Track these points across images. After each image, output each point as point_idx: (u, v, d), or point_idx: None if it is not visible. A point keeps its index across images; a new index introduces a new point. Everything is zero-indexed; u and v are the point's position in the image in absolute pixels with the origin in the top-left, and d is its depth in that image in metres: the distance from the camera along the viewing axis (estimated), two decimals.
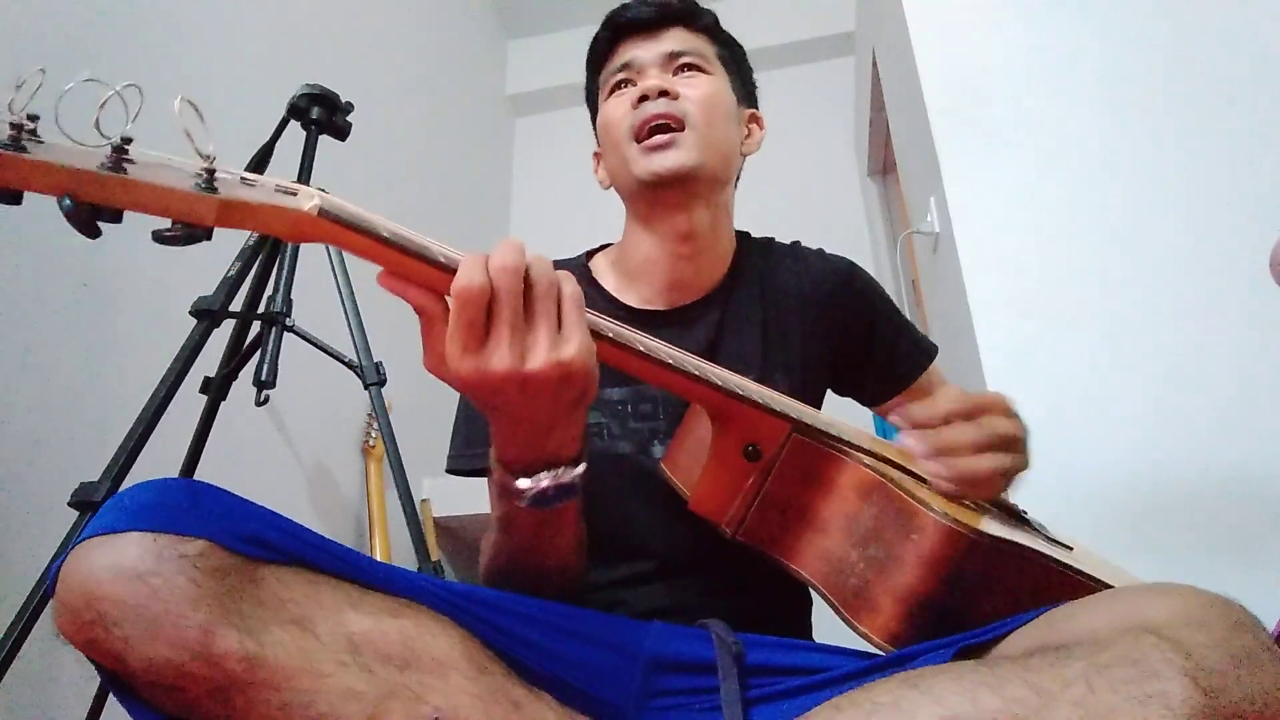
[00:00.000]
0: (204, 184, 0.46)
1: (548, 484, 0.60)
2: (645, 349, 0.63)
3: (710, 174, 0.89)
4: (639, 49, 0.94)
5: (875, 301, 0.99)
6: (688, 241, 0.91)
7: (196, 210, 0.46)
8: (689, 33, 0.95)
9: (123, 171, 0.44)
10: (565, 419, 0.58)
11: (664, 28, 0.95)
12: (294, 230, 0.51)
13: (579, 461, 0.62)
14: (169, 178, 0.46)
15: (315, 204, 0.51)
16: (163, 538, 0.49)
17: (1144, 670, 0.45)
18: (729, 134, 0.92)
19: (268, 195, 0.50)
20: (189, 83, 1.76)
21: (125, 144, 0.44)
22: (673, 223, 0.90)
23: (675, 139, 0.87)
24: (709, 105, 0.90)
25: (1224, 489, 1.39)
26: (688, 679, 0.67)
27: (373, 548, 2.05)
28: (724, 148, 0.91)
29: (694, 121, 0.88)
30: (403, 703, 0.51)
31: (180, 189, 0.45)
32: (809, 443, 0.69)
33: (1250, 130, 1.61)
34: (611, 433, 0.86)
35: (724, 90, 0.94)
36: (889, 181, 3.06)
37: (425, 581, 0.62)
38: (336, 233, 0.52)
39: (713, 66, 0.95)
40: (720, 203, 0.93)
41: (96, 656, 0.49)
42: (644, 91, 0.89)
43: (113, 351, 1.50)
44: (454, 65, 3.22)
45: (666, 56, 0.93)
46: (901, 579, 0.61)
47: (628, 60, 0.94)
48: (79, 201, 0.43)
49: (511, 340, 0.53)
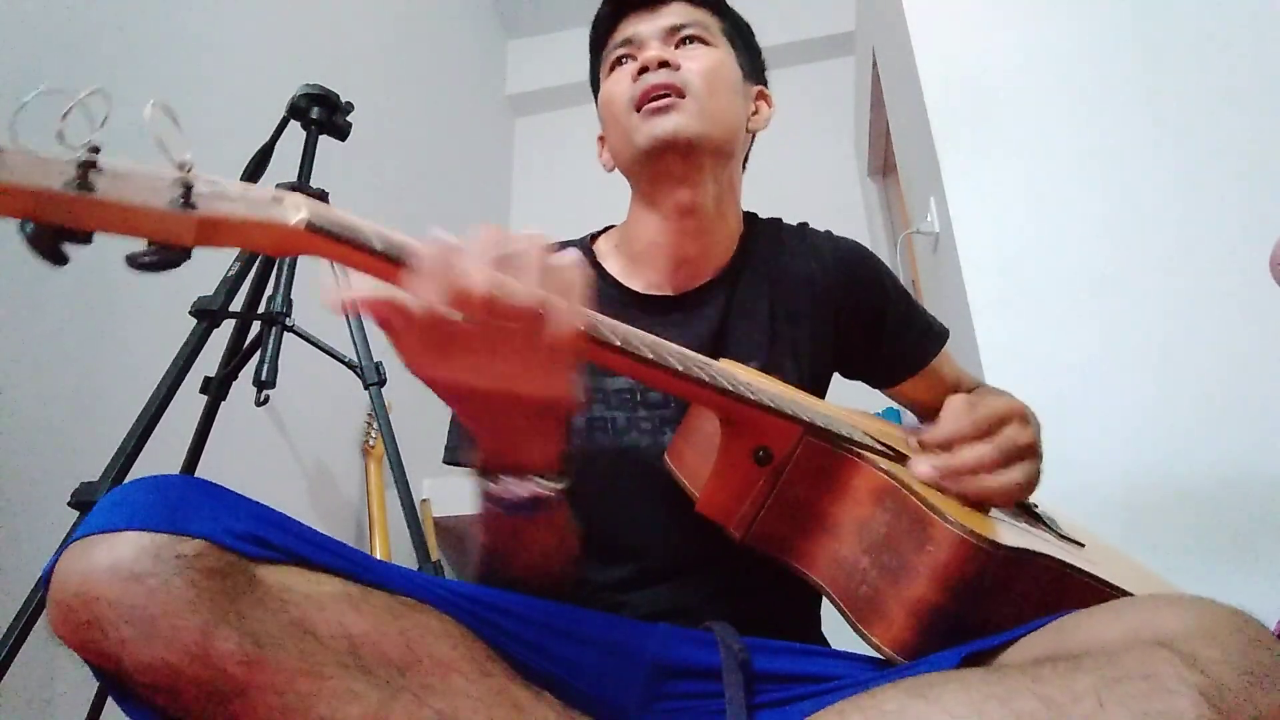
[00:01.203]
0: (180, 199, 0.41)
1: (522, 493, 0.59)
2: (653, 355, 0.60)
3: (713, 145, 0.87)
4: (640, 24, 0.93)
5: (885, 286, 0.97)
6: (691, 216, 0.90)
7: (173, 230, 0.41)
8: (691, 6, 0.93)
9: (90, 189, 0.38)
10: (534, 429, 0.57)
11: (666, 2, 0.93)
12: (279, 245, 0.46)
13: (557, 474, 0.60)
14: (142, 194, 0.40)
15: (303, 216, 0.45)
16: (159, 537, 0.49)
17: (1156, 685, 0.43)
18: (733, 106, 0.91)
19: (251, 208, 0.44)
20: (189, 83, 1.76)
21: (93, 154, 0.39)
22: (675, 196, 0.89)
23: (675, 103, 0.85)
24: (711, 75, 0.88)
25: (1221, 486, 1.39)
26: (692, 683, 0.66)
27: (373, 548, 2.05)
28: (727, 119, 0.89)
29: (695, 91, 0.86)
30: (404, 705, 0.51)
31: (154, 207, 0.40)
32: (822, 445, 0.67)
33: (1248, 130, 1.60)
34: (617, 426, 0.84)
35: (728, 62, 0.92)
36: (889, 181, 3.05)
37: (427, 581, 0.61)
38: (325, 246, 0.47)
39: (716, 39, 0.93)
40: (725, 179, 0.92)
41: (92, 658, 0.48)
42: (644, 63, 0.87)
43: (113, 351, 1.50)
44: (454, 65, 3.21)
45: (667, 30, 0.91)
46: (914, 589, 0.59)
47: (628, 36, 0.93)
48: (41, 225, 0.38)
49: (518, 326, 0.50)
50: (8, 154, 0.37)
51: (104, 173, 0.39)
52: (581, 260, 0.54)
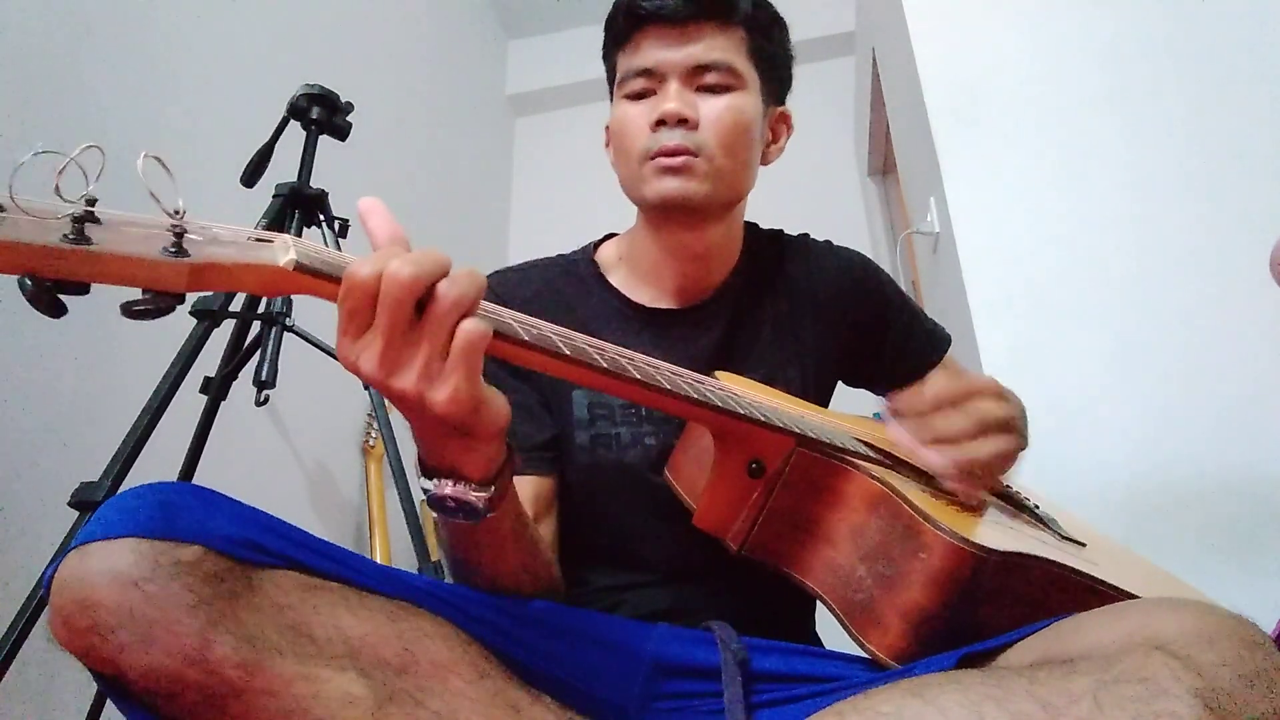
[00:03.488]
0: (172, 247, 0.42)
1: (448, 491, 0.55)
2: (641, 376, 0.59)
3: (721, 202, 0.86)
4: (664, 51, 0.84)
5: (888, 294, 0.98)
6: (699, 260, 0.90)
7: (166, 278, 0.42)
8: (721, 31, 0.85)
9: (86, 242, 0.39)
10: (451, 444, 0.54)
11: (693, 24, 0.84)
12: (269, 286, 0.47)
13: (487, 485, 0.56)
14: (136, 244, 0.41)
15: (291, 258, 0.46)
16: (158, 544, 0.49)
17: (1152, 688, 0.44)
18: (749, 159, 0.87)
19: (241, 252, 0.45)
20: (189, 83, 1.76)
21: (90, 206, 0.40)
22: (682, 240, 0.88)
23: (689, 164, 0.82)
24: (730, 133, 0.83)
25: (1223, 488, 1.39)
26: (691, 683, 0.67)
27: (373, 548, 2.05)
28: (741, 174, 0.86)
29: (711, 152, 0.83)
30: (401, 708, 0.51)
31: (148, 257, 0.41)
32: (814, 456, 0.67)
33: (1250, 129, 1.60)
34: (620, 442, 0.84)
35: (750, 106, 0.86)
36: (889, 181, 3.05)
37: (424, 583, 0.61)
38: (314, 285, 0.47)
39: (742, 75, 0.85)
40: (734, 216, 0.91)
41: (92, 663, 0.49)
42: (662, 115, 0.82)
43: (113, 351, 1.50)
44: (454, 65, 3.21)
45: (691, 70, 0.84)
46: (908, 596, 0.60)
47: (650, 66, 0.85)
48: (40, 279, 0.39)
49: (384, 352, 0.48)
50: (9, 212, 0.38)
51: (100, 224, 0.40)
52: None
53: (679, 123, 0.82)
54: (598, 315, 0.89)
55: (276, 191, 1.43)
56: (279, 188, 1.43)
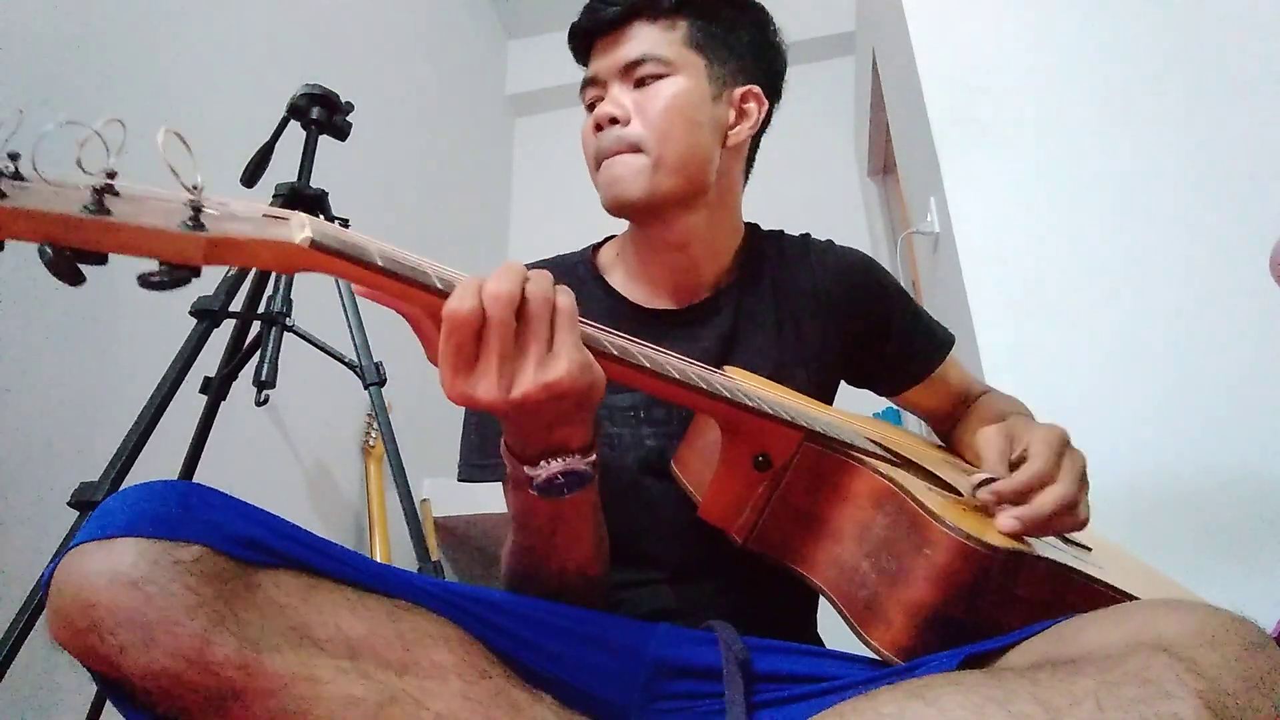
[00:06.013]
0: (190, 221, 0.43)
1: (557, 468, 0.58)
2: (650, 364, 0.61)
3: (675, 193, 0.85)
4: (601, 59, 0.89)
5: (890, 295, 0.98)
6: (681, 250, 0.90)
7: (184, 250, 0.43)
8: (652, 26, 0.87)
9: (106, 213, 0.40)
10: (565, 421, 0.57)
11: (625, 25, 0.88)
12: (284, 262, 0.48)
13: (590, 450, 0.60)
14: (155, 217, 0.42)
15: (307, 235, 0.47)
16: (158, 543, 0.49)
17: (1155, 690, 0.44)
18: (696, 141, 0.86)
19: (257, 228, 0.46)
20: (189, 82, 1.76)
21: (110, 179, 0.41)
22: (658, 236, 0.89)
23: (624, 163, 0.84)
24: (662, 118, 0.84)
25: (1223, 488, 1.39)
26: (692, 683, 0.67)
27: (373, 548, 2.05)
28: (690, 159, 0.86)
29: (648, 144, 0.84)
30: (402, 708, 0.51)
31: (166, 229, 0.42)
32: (820, 450, 0.67)
33: (1250, 130, 1.60)
34: (622, 443, 0.84)
35: (689, 91, 0.86)
36: (889, 181, 3.05)
37: (424, 583, 0.61)
38: (329, 262, 0.49)
39: (677, 63, 0.86)
40: (712, 203, 0.90)
41: (92, 663, 0.49)
42: (595, 120, 0.87)
43: (113, 351, 1.50)
44: (454, 65, 3.21)
45: (624, 69, 0.87)
46: (913, 593, 0.59)
47: (592, 74, 0.90)
48: (60, 248, 0.40)
49: (500, 369, 0.51)
50: (32, 182, 0.39)
51: (119, 197, 0.41)
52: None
53: (611, 122, 0.86)
54: (597, 316, 0.89)
55: (276, 191, 1.43)
56: (279, 188, 1.43)
